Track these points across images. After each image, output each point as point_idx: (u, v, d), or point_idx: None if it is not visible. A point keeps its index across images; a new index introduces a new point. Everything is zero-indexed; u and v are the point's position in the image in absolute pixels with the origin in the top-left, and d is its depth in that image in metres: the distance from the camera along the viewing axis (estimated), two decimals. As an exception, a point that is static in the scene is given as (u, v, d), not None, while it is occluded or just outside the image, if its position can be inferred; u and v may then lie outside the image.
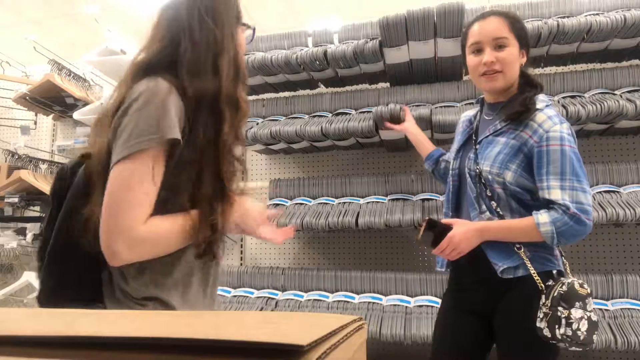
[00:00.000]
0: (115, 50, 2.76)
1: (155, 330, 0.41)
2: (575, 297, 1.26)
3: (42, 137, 3.37)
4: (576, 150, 1.32)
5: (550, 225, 1.28)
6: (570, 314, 1.25)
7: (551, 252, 1.36)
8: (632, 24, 1.95)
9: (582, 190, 1.29)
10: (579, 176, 1.30)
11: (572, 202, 1.27)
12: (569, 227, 1.27)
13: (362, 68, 2.37)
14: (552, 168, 1.30)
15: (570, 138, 1.32)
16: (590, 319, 1.26)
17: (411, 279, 2.24)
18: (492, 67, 1.38)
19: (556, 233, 1.28)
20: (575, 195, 1.28)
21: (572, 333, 1.24)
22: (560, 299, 1.26)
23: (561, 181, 1.29)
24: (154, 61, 0.96)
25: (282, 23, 3.53)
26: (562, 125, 1.32)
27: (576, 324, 1.24)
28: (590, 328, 1.25)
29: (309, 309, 2.26)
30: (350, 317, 0.46)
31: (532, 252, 1.34)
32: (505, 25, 1.39)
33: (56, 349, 0.38)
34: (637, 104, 1.94)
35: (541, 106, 1.37)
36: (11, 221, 3.05)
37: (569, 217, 1.27)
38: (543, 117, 1.34)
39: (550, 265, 1.35)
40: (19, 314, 0.54)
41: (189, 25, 0.97)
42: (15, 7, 4.93)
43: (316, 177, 2.57)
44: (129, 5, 4.95)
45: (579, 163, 1.31)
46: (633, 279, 2.00)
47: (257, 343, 0.34)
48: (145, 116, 0.87)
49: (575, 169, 1.30)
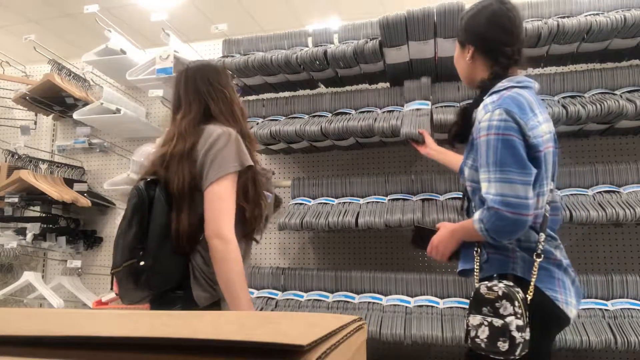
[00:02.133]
0: (115, 50, 2.76)
1: (155, 330, 0.41)
2: (481, 302, 1.21)
3: (42, 137, 3.37)
4: (508, 136, 1.20)
5: (478, 223, 1.22)
6: (469, 321, 1.22)
7: (507, 254, 1.28)
8: (632, 24, 1.95)
9: (506, 182, 1.18)
10: (505, 165, 1.19)
11: (495, 195, 1.18)
12: (492, 223, 1.19)
13: (362, 68, 2.37)
14: (481, 160, 1.24)
15: (501, 124, 1.21)
16: (492, 324, 1.17)
17: (411, 279, 2.24)
18: None
19: (485, 230, 1.21)
20: (499, 187, 1.18)
21: (470, 341, 1.20)
22: (470, 306, 1.25)
23: (487, 173, 1.22)
24: (199, 115, 1.44)
25: (282, 23, 3.53)
26: (493, 112, 1.24)
27: (473, 331, 1.20)
28: (493, 335, 1.16)
29: (309, 309, 2.26)
30: (350, 317, 0.46)
31: (490, 254, 1.30)
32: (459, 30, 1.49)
33: (56, 349, 0.38)
34: (637, 104, 1.94)
35: (485, 96, 1.34)
36: (11, 221, 3.04)
37: (489, 213, 1.19)
38: (480, 107, 1.31)
39: (504, 269, 1.27)
40: (19, 314, 0.54)
41: (207, 91, 1.46)
42: (15, 7, 4.93)
43: (316, 177, 2.57)
44: (129, 5, 4.95)
45: (509, 150, 1.19)
46: (633, 279, 2.00)
47: (257, 343, 0.34)
48: (229, 150, 1.35)
49: (501, 158, 1.19)
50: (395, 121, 2.16)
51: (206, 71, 1.50)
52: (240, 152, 1.36)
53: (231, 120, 1.45)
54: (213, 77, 1.49)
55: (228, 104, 1.47)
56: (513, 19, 1.38)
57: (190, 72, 1.51)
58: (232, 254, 1.30)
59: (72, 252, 3.05)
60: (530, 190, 1.20)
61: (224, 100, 1.47)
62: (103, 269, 3.06)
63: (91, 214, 3.13)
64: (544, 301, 1.24)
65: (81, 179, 3.12)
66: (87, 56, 2.82)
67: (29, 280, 2.93)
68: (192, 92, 1.48)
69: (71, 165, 3.13)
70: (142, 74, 2.70)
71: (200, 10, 5.17)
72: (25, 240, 2.89)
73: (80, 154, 3.25)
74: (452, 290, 2.18)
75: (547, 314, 1.25)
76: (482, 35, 1.40)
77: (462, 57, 1.46)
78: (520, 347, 1.15)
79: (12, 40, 3.93)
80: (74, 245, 3.01)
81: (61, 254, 3.15)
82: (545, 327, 1.26)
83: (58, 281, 2.98)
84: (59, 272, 3.15)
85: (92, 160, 3.23)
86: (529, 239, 1.28)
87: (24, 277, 2.95)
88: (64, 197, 2.75)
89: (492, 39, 1.39)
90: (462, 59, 1.47)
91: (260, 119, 2.54)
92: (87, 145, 3.17)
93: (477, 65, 1.42)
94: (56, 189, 2.82)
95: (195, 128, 1.40)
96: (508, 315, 1.16)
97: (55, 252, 3.12)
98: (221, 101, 1.46)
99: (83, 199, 2.86)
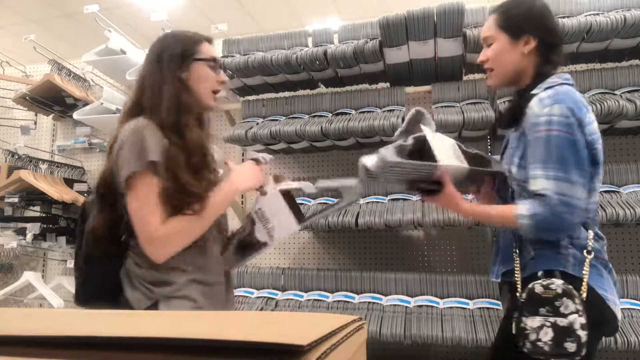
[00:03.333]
0: (115, 50, 2.76)
1: (155, 330, 0.41)
2: (538, 302, 1.14)
3: (42, 137, 3.37)
4: (567, 134, 1.18)
5: (528, 219, 1.18)
6: (526, 325, 1.14)
7: (558, 251, 1.23)
8: (632, 24, 1.95)
9: (567, 181, 1.16)
10: (566, 165, 1.16)
11: (555, 194, 1.15)
12: (547, 221, 1.16)
13: (362, 68, 2.37)
14: (538, 156, 1.20)
15: (562, 119, 1.18)
16: (556, 324, 1.11)
17: (411, 279, 2.24)
18: (485, 65, 1.39)
19: (534, 226, 1.17)
20: (560, 186, 1.16)
21: (531, 345, 1.13)
22: (523, 307, 1.16)
23: (545, 170, 1.18)
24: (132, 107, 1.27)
25: (282, 23, 3.53)
26: (552, 107, 1.20)
27: (533, 334, 1.12)
28: (559, 336, 1.10)
29: (309, 309, 2.26)
30: (350, 317, 0.46)
31: (537, 250, 1.24)
32: (493, 22, 1.37)
33: (56, 349, 0.38)
34: (637, 104, 1.94)
35: (539, 90, 1.28)
36: (11, 221, 3.05)
37: (548, 210, 1.15)
38: (536, 101, 1.25)
39: (552, 265, 1.21)
40: (19, 314, 0.54)
41: (144, 74, 1.28)
42: (15, 7, 4.93)
43: (316, 177, 2.57)
44: (129, 5, 4.95)
45: (571, 149, 1.17)
46: (633, 279, 2.00)
47: (257, 343, 0.34)
48: (127, 149, 1.16)
49: (563, 157, 1.17)
50: (395, 119, 2.16)
51: (162, 45, 1.29)
52: (141, 150, 1.15)
53: (155, 111, 1.22)
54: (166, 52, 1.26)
55: (155, 92, 1.24)
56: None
57: (151, 47, 1.31)
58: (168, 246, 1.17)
59: (72, 252, 3.05)
60: (585, 192, 1.19)
61: (152, 87, 1.25)
62: (103, 269, 3.05)
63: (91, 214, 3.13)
64: (596, 300, 1.19)
65: (81, 179, 3.12)
66: (87, 56, 2.82)
67: (29, 280, 2.93)
68: (139, 75, 1.30)
69: (71, 165, 3.13)
70: (142, 74, 2.69)
71: (200, 10, 5.17)
72: (25, 240, 2.89)
73: (80, 154, 3.25)
74: (452, 290, 2.18)
75: (599, 314, 1.20)
76: (549, 28, 1.34)
77: (514, 49, 1.33)
78: (584, 347, 1.10)
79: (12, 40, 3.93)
80: (74, 245, 3.01)
81: (61, 254, 3.15)
82: (597, 327, 1.20)
83: (58, 281, 2.98)
84: (59, 272, 3.15)
85: (92, 160, 3.23)
86: (580, 236, 1.23)
87: (24, 277, 2.95)
88: (64, 197, 2.75)
89: (556, 34, 1.37)
90: (513, 51, 1.33)
91: (260, 119, 2.54)
92: (87, 145, 3.17)
93: (531, 59, 1.33)
94: (56, 189, 2.82)
95: (121, 124, 1.24)
96: (570, 313, 1.11)
97: (55, 252, 3.12)
98: (150, 88, 1.25)
99: (83, 199, 2.86)
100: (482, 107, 2.20)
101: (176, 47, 1.28)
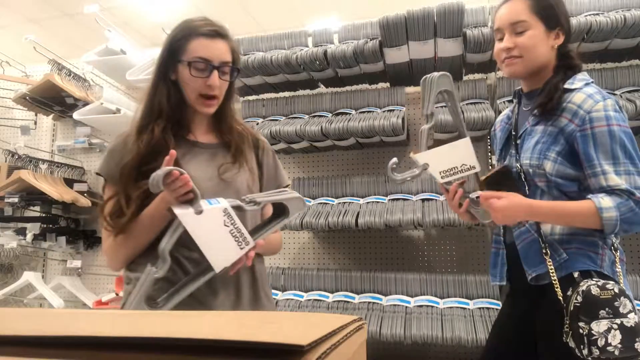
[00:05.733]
0: (115, 50, 2.76)
1: (155, 330, 0.41)
2: (597, 305, 1.08)
3: (42, 137, 3.37)
4: (626, 128, 1.17)
5: (614, 211, 1.12)
6: (591, 330, 1.06)
7: (595, 250, 1.21)
8: (632, 24, 1.95)
9: (638, 174, 1.15)
10: (633, 158, 1.15)
11: (635, 188, 1.13)
12: (634, 214, 1.12)
13: (362, 68, 2.37)
14: (602, 152, 1.16)
15: (617, 115, 1.17)
16: (622, 325, 1.06)
17: (411, 279, 2.24)
18: (510, 53, 1.28)
19: (620, 220, 1.12)
20: (633, 180, 1.14)
21: (600, 351, 1.05)
22: (577, 312, 1.09)
23: (614, 166, 1.15)
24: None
25: (282, 23, 3.53)
26: (605, 102, 1.18)
27: (601, 339, 1.05)
28: (627, 337, 1.05)
29: (309, 309, 2.26)
30: (350, 317, 0.46)
31: (573, 249, 1.20)
32: (526, 7, 1.26)
33: (56, 349, 0.38)
34: (637, 104, 1.94)
35: (579, 85, 1.23)
36: (11, 221, 3.04)
37: (634, 203, 1.12)
38: (582, 96, 1.20)
39: (589, 265, 1.18)
40: (19, 314, 0.54)
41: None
42: (15, 7, 4.93)
43: (316, 177, 2.57)
44: (129, 5, 4.95)
45: (631, 143, 1.16)
46: (633, 279, 1.99)
47: (257, 343, 0.34)
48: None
49: (628, 151, 1.15)
50: (395, 119, 2.16)
51: (165, 41, 1.21)
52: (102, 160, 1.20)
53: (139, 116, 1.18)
54: (162, 49, 1.20)
55: (147, 92, 1.19)
56: None
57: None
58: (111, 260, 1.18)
59: (72, 252, 3.05)
60: None
61: (149, 87, 1.20)
62: (103, 269, 3.05)
63: (91, 214, 3.13)
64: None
65: (81, 179, 3.12)
66: (87, 56, 2.82)
67: (29, 280, 2.93)
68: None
69: (71, 165, 3.13)
70: (142, 74, 2.70)
71: (200, 10, 5.16)
72: (25, 240, 2.89)
73: (80, 154, 3.25)
74: (452, 290, 2.18)
75: None
76: (568, 21, 1.29)
77: (547, 42, 1.27)
78: None
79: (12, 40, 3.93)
80: (74, 245, 3.02)
81: (61, 254, 3.15)
82: None
83: (58, 281, 2.98)
84: (59, 272, 3.15)
85: (92, 160, 3.23)
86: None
87: (24, 277, 2.95)
88: (64, 197, 2.75)
89: (570, 31, 1.32)
90: (546, 42, 1.27)
91: (260, 119, 2.54)
92: (87, 145, 3.17)
93: (553, 54, 1.29)
94: (56, 189, 2.82)
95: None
96: (629, 312, 1.08)
97: (55, 252, 3.12)
98: (149, 88, 1.20)
99: (83, 199, 2.86)
100: (482, 107, 2.20)
101: (166, 45, 1.19)
